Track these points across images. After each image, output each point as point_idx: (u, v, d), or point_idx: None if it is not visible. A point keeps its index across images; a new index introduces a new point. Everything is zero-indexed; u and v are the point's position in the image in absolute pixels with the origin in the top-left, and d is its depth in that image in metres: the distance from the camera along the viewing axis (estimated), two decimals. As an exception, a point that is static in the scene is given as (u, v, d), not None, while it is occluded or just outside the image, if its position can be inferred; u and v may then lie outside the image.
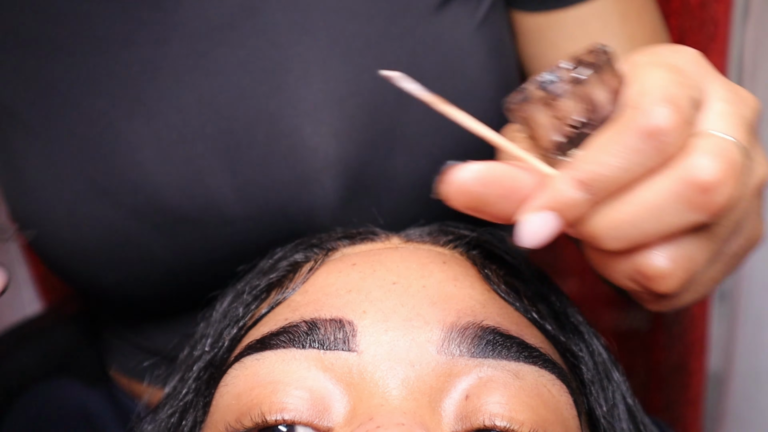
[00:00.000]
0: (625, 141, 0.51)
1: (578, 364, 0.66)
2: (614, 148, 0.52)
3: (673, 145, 0.52)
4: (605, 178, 0.52)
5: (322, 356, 0.60)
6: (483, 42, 0.85)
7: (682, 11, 1.17)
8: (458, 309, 0.62)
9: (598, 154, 0.52)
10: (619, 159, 0.52)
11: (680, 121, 0.51)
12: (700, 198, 0.52)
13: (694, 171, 0.51)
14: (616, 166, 0.52)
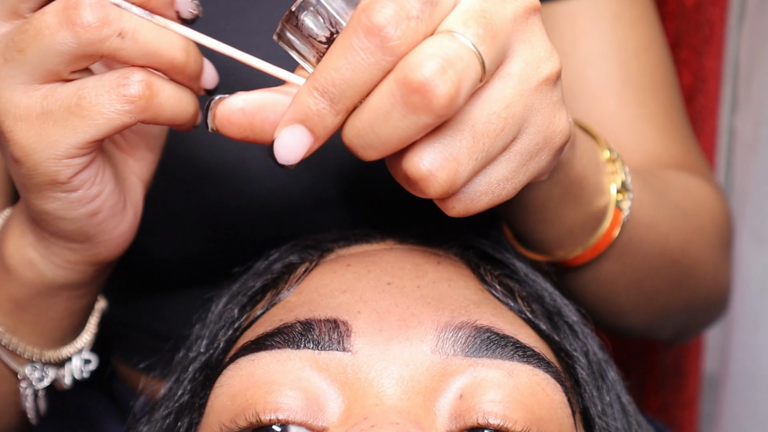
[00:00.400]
0: (349, 42, 0.51)
1: (573, 364, 0.66)
2: (340, 51, 0.51)
3: (397, 42, 0.51)
4: (338, 81, 0.52)
5: (317, 356, 0.60)
6: None
7: (678, 14, 1.17)
8: (452, 309, 0.62)
9: (328, 58, 0.52)
10: (345, 61, 0.51)
11: (400, 16, 0.51)
12: (416, 98, 0.51)
13: (406, 71, 0.50)
14: (343, 69, 0.51)
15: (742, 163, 1.26)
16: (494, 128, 0.54)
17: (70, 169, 0.59)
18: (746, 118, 1.25)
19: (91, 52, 0.57)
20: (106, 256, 0.67)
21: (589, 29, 0.89)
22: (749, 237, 1.27)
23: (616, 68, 0.89)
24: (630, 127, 0.89)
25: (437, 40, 0.51)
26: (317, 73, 0.52)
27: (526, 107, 0.55)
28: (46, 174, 0.59)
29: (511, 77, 0.54)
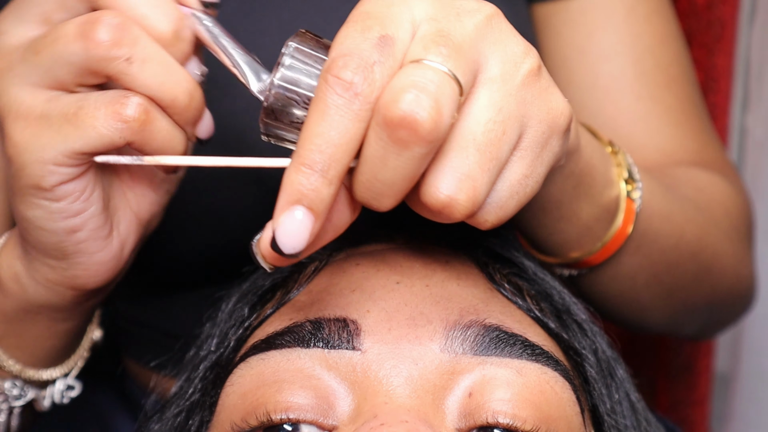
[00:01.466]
0: (321, 107, 0.51)
1: (582, 362, 0.66)
2: (315, 118, 0.51)
3: (366, 91, 0.51)
4: (323, 146, 0.51)
5: (327, 355, 0.60)
6: (513, 19, 0.85)
7: (689, 12, 1.17)
8: (461, 307, 0.62)
9: (305, 130, 0.52)
10: (325, 123, 0.51)
11: (360, 66, 0.51)
12: (403, 134, 0.51)
13: (384, 111, 0.51)
14: (325, 131, 0.51)
15: (753, 162, 1.26)
16: (495, 134, 0.54)
17: (55, 177, 0.60)
18: (757, 117, 1.25)
19: (96, 68, 0.58)
20: (85, 281, 0.66)
21: (602, 24, 0.88)
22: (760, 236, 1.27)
23: (630, 63, 0.89)
24: (644, 123, 0.89)
25: (404, 73, 0.52)
26: (300, 148, 0.51)
27: (519, 104, 0.55)
28: (31, 176, 0.60)
29: (493, 82, 0.55)
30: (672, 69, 0.91)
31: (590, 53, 0.89)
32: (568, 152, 0.64)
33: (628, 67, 0.89)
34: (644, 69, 0.89)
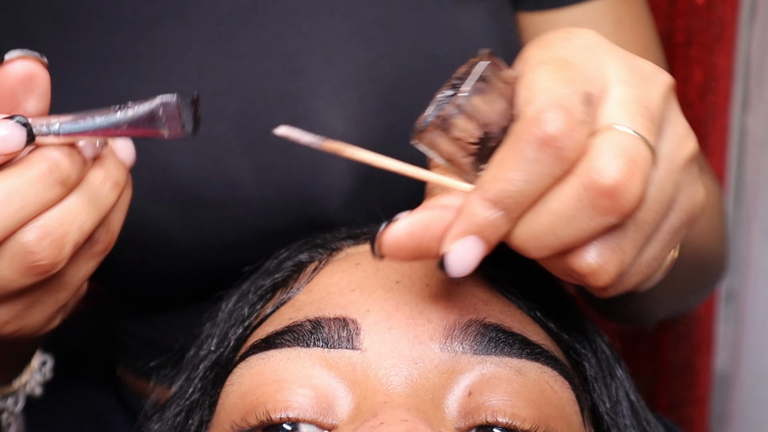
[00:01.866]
0: (522, 154, 0.51)
1: (581, 361, 0.66)
2: (513, 163, 0.51)
3: (571, 149, 0.51)
4: (512, 192, 0.52)
5: (327, 355, 0.60)
6: (498, 37, 0.86)
7: (689, 12, 1.17)
8: (460, 307, 0.62)
9: (500, 170, 0.52)
10: (520, 172, 0.51)
11: (572, 124, 0.51)
12: (606, 202, 0.51)
13: (594, 176, 0.51)
14: (519, 180, 0.52)
15: (753, 162, 1.26)
16: (652, 214, 0.54)
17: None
18: (757, 117, 1.24)
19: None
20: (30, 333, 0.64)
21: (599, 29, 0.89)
22: (760, 235, 1.27)
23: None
24: None
25: (613, 139, 0.51)
26: (489, 185, 0.52)
27: (675, 187, 0.55)
28: None
29: (661, 160, 0.54)
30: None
31: None
32: None
33: None
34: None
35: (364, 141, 0.79)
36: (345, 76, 0.81)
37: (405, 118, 0.81)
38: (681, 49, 1.19)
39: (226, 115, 0.81)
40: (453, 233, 0.53)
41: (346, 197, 0.82)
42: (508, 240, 0.54)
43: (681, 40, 1.18)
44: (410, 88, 0.82)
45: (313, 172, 0.81)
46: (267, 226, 0.82)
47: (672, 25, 1.18)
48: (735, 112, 1.25)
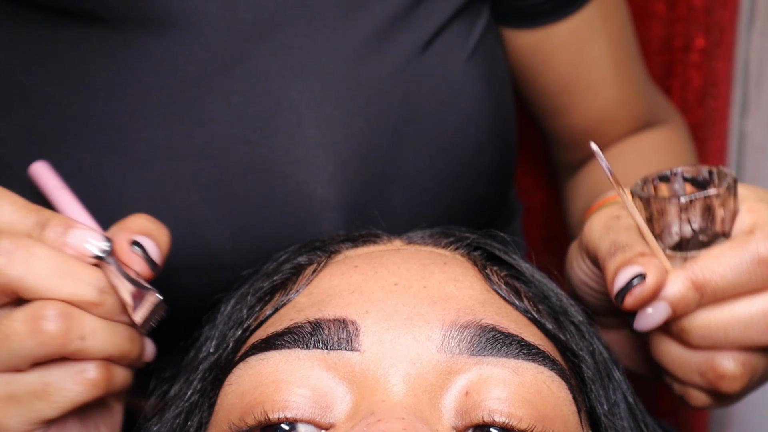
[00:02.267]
0: (740, 260, 0.63)
1: (578, 363, 0.66)
2: (730, 264, 0.63)
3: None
4: (717, 286, 0.63)
5: (326, 356, 0.61)
6: (476, 70, 0.85)
7: (688, 17, 1.17)
8: (458, 308, 0.63)
9: (716, 265, 0.63)
10: (733, 274, 0.63)
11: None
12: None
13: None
14: (728, 279, 0.62)
15: (753, 166, 1.26)
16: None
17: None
18: (756, 121, 1.25)
19: (54, 355, 0.62)
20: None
21: (588, 38, 0.93)
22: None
23: (612, 62, 0.95)
24: (623, 103, 0.98)
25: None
26: (701, 271, 0.63)
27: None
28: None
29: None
30: (632, 48, 0.98)
31: (582, 66, 0.94)
32: None
33: (611, 65, 0.95)
34: (619, 59, 0.96)
35: (345, 201, 0.79)
36: (319, 136, 0.80)
37: (383, 174, 0.81)
38: (680, 54, 1.19)
39: (199, 184, 0.79)
40: (646, 295, 0.63)
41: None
42: (682, 317, 0.64)
43: (680, 46, 1.19)
44: (387, 142, 0.81)
45: (293, 234, 0.80)
46: (231, 267, 0.81)
47: (672, 30, 1.18)
48: (734, 117, 1.25)
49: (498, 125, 0.87)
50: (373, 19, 0.80)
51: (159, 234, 0.67)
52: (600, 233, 0.68)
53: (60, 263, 0.62)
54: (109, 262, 0.64)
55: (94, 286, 0.63)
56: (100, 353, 0.63)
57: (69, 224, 0.64)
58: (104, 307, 0.63)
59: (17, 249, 0.61)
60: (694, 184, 0.67)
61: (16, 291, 0.62)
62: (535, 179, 1.24)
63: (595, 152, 0.62)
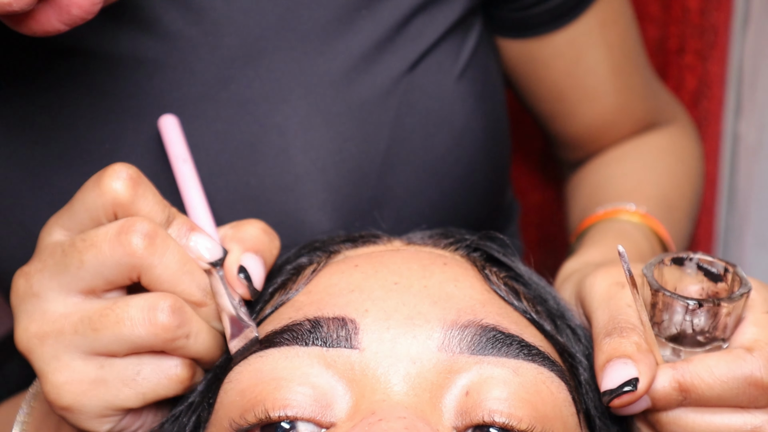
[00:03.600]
0: (732, 376, 0.61)
1: (575, 365, 0.67)
2: (721, 377, 0.61)
3: (764, 399, 0.61)
4: (703, 394, 0.61)
5: (325, 353, 0.61)
6: (468, 87, 0.84)
7: (683, 19, 1.18)
8: (459, 308, 0.63)
9: (707, 374, 0.61)
10: (721, 388, 0.61)
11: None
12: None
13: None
14: (716, 391, 0.61)
15: (746, 168, 1.27)
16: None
17: (111, 423, 0.65)
18: (750, 123, 1.25)
19: (158, 347, 0.63)
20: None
21: (585, 47, 0.92)
22: (753, 241, 1.28)
23: (610, 69, 0.94)
24: (623, 108, 0.97)
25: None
26: (689, 374, 0.62)
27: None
28: (88, 427, 0.64)
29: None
30: (634, 53, 0.97)
31: (578, 74, 0.93)
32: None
33: (609, 73, 0.94)
34: (619, 66, 0.95)
35: (335, 228, 0.79)
36: (307, 163, 0.79)
37: (374, 198, 0.81)
38: (674, 56, 1.19)
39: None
40: (640, 385, 0.61)
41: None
42: (660, 411, 0.63)
43: (675, 47, 1.19)
44: (378, 167, 0.80)
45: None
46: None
47: (666, 32, 1.19)
48: (728, 119, 1.26)
49: (491, 142, 0.86)
50: (360, 41, 0.79)
51: (270, 249, 0.68)
52: (599, 299, 0.67)
53: (185, 260, 0.64)
54: (218, 272, 0.66)
55: (202, 288, 0.64)
56: (196, 354, 0.65)
57: (192, 227, 0.66)
58: (205, 310, 0.65)
59: (158, 236, 0.62)
60: (706, 274, 0.66)
61: (141, 275, 0.63)
62: (530, 180, 1.25)
63: (620, 253, 0.60)
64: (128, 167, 0.64)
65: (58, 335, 0.63)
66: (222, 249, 0.66)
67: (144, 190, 0.64)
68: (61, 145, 0.79)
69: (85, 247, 0.62)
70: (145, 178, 0.65)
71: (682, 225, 0.96)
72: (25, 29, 0.60)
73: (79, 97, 0.78)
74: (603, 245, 0.83)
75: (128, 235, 0.61)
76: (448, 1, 0.82)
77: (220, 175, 0.79)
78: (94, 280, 0.63)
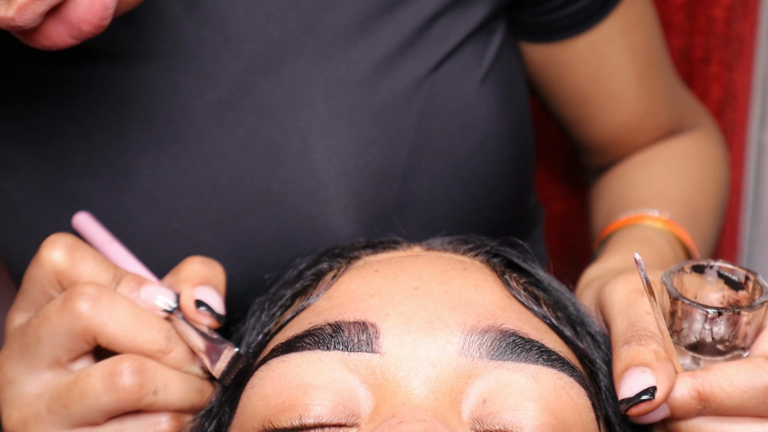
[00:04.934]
0: (752, 386, 0.61)
1: (596, 371, 0.67)
2: (741, 387, 0.61)
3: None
4: (723, 403, 0.61)
5: (347, 357, 0.61)
6: (492, 90, 0.84)
7: (708, 29, 1.17)
8: (478, 313, 0.63)
9: (727, 383, 0.61)
10: (741, 397, 0.61)
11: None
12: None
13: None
14: (736, 400, 0.61)
15: (771, 178, 1.26)
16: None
17: None
18: (775, 133, 1.25)
19: (129, 408, 0.65)
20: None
21: (608, 51, 0.92)
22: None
23: (634, 74, 0.94)
24: (647, 113, 0.96)
25: None
26: (709, 383, 0.61)
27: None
28: None
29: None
30: (658, 58, 0.97)
31: (601, 79, 0.93)
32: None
33: (633, 77, 0.94)
34: (642, 71, 0.95)
35: (358, 233, 0.79)
36: (330, 167, 0.78)
37: (398, 202, 0.80)
38: (700, 65, 1.19)
39: (207, 219, 0.79)
40: (657, 395, 0.61)
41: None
42: (679, 420, 0.63)
43: (700, 57, 1.19)
44: (402, 171, 0.80)
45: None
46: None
47: (691, 41, 1.19)
48: (753, 128, 1.25)
49: (515, 146, 0.86)
50: (382, 45, 0.79)
51: (216, 277, 0.69)
52: (619, 306, 0.66)
53: (137, 312, 0.65)
54: (178, 316, 0.67)
55: (164, 335, 0.66)
56: (171, 406, 0.66)
57: (140, 281, 0.67)
58: (173, 355, 0.66)
59: (102, 296, 0.64)
60: (727, 282, 0.66)
61: (96, 336, 0.64)
62: (554, 189, 1.25)
63: (636, 261, 0.60)
64: (63, 236, 0.66)
65: (36, 418, 0.65)
66: (174, 293, 0.67)
67: (82, 254, 0.66)
68: (85, 155, 0.79)
69: (39, 323, 0.64)
70: (83, 243, 0.67)
71: (707, 231, 0.95)
72: (35, 43, 0.61)
73: (102, 106, 0.79)
74: (625, 252, 0.83)
75: (72, 301, 0.63)
76: (470, 4, 0.82)
77: (243, 181, 0.79)
78: (55, 352, 0.65)
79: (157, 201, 0.79)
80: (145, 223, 0.79)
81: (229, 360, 0.66)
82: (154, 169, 0.79)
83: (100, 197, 0.79)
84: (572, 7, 0.88)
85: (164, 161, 0.79)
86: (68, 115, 0.79)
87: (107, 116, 0.79)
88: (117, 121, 0.79)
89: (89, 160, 0.79)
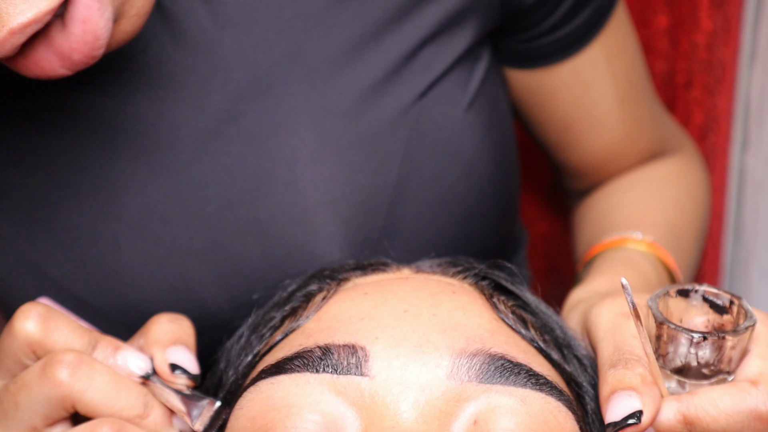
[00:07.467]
0: (737, 410, 0.61)
1: (582, 394, 0.67)
2: (726, 411, 0.61)
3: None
4: (708, 427, 0.61)
5: (336, 380, 0.62)
6: (477, 118, 0.85)
7: (691, 54, 1.18)
8: (467, 336, 0.63)
9: (712, 407, 0.62)
10: (726, 421, 0.61)
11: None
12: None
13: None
14: (720, 425, 0.61)
15: (753, 202, 1.27)
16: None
17: None
18: (757, 158, 1.25)
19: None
20: None
21: (592, 77, 0.92)
22: (759, 274, 1.28)
23: (617, 99, 0.95)
24: (629, 138, 0.97)
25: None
26: (695, 410, 0.62)
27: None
28: None
29: None
30: (640, 83, 0.97)
31: (584, 104, 0.94)
32: None
33: (615, 103, 0.95)
34: (625, 96, 0.95)
35: (344, 259, 0.78)
36: (317, 195, 0.79)
37: (384, 229, 0.81)
38: (682, 90, 1.20)
39: (194, 248, 0.79)
40: (644, 419, 0.61)
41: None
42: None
43: (682, 82, 1.20)
44: (388, 198, 0.80)
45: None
46: (218, 328, 0.80)
47: (674, 66, 1.20)
48: (735, 153, 1.26)
49: (500, 171, 0.86)
50: (368, 73, 0.79)
51: (185, 333, 0.69)
52: (605, 330, 0.67)
53: (116, 378, 0.65)
54: (153, 380, 0.67)
55: (142, 400, 0.65)
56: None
57: (116, 346, 0.67)
58: (151, 419, 0.66)
59: (82, 363, 0.63)
60: (712, 306, 0.66)
61: (75, 404, 0.64)
62: (538, 210, 1.25)
63: (623, 286, 0.61)
64: (35, 305, 0.66)
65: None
66: (149, 359, 0.67)
67: (56, 322, 0.65)
68: (74, 183, 0.79)
69: (17, 389, 0.64)
70: (57, 311, 0.66)
71: (689, 254, 0.96)
72: (27, 72, 0.61)
73: (91, 135, 0.79)
74: (610, 274, 0.83)
75: (52, 368, 0.63)
76: (456, 32, 0.83)
77: (230, 209, 0.79)
78: (32, 419, 0.64)
79: (145, 230, 0.79)
80: (133, 251, 0.79)
81: (209, 414, 0.66)
82: (141, 197, 0.78)
83: (87, 226, 0.79)
84: (556, 33, 0.89)
85: (152, 190, 0.79)
86: (55, 144, 0.79)
87: (95, 145, 0.79)
88: (105, 151, 0.79)
89: (77, 189, 0.79)
